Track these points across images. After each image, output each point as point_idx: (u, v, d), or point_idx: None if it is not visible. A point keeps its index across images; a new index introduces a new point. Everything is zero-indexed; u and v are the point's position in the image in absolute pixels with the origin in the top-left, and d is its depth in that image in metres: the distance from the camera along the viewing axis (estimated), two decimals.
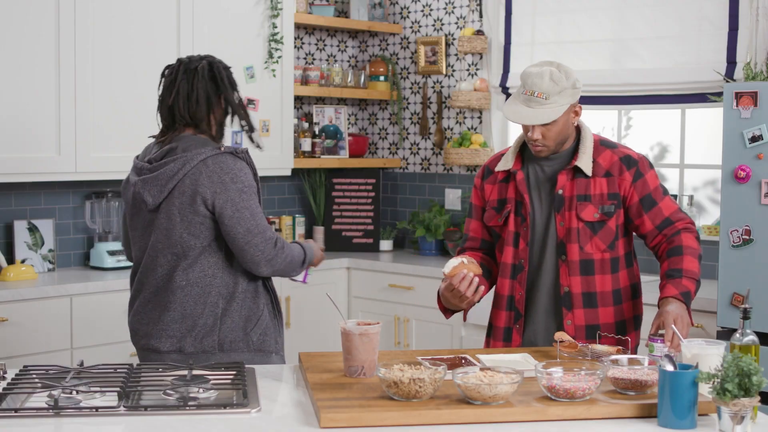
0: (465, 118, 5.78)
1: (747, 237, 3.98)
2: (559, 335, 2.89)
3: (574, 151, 3.08)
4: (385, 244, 5.89)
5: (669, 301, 2.93)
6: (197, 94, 3.10)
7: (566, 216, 3.04)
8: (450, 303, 3.05)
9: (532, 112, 2.95)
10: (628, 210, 3.09)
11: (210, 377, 2.61)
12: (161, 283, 3.10)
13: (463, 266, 2.93)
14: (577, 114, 3.06)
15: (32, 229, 4.77)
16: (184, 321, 3.07)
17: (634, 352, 3.12)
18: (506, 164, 3.14)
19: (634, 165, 3.07)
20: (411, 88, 6.04)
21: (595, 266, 3.05)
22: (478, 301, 3.06)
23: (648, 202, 3.07)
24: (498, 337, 3.16)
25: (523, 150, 3.16)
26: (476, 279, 2.94)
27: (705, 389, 2.37)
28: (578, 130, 3.11)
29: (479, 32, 5.57)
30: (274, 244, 3.08)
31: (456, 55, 5.77)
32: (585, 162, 3.03)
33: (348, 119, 6.13)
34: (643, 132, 5.29)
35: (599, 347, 2.85)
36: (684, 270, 2.99)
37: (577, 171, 3.06)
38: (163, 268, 3.09)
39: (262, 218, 3.08)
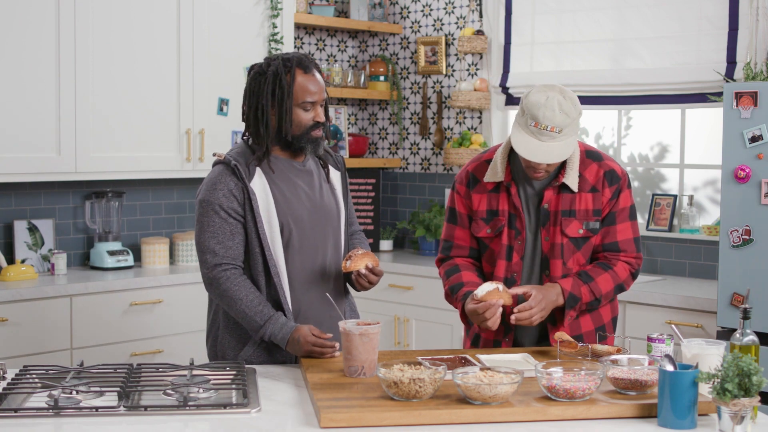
0: (465, 118, 5.78)
1: (747, 237, 3.98)
2: (559, 335, 2.89)
3: (562, 166, 3.02)
4: (385, 244, 5.89)
5: (554, 286, 2.96)
6: None
7: (551, 231, 3.02)
8: (473, 319, 2.98)
9: (545, 147, 2.86)
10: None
11: (210, 377, 2.61)
12: None
13: (497, 294, 2.87)
14: None
15: (32, 229, 4.77)
16: None
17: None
18: (496, 175, 3.06)
19: (617, 182, 3.04)
20: (411, 88, 6.04)
21: None
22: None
23: (609, 220, 3.05)
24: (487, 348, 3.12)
25: (510, 159, 3.07)
26: (500, 309, 2.89)
27: (705, 389, 2.37)
28: None
29: (479, 32, 5.57)
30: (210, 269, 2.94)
31: (456, 55, 5.77)
32: (572, 178, 3.00)
33: (348, 119, 6.13)
34: (643, 132, 5.29)
35: (599, 347, 2.85)
36: (595, 281, 3.00)
37: (563, 186, 3.02)
38: None
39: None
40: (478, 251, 3.18)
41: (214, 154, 3.00)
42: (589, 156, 3.06)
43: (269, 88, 2.89)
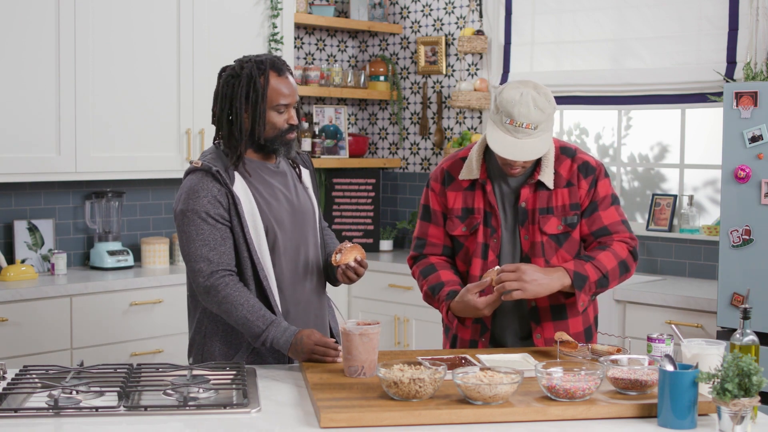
0: (465, 118, 5.78)
1: (747, 237, 3.98)
2: (559, 335, 2.89)
3: (537, 163, 3.00)
4: (385, 244, 5.89)
5: (555, 269, 2.89)
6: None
7: (530, 229, 2.99)
8: (464, 312, 2.95)
9: (520, 144, 2.84)
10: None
11: (210, 377, 2.61)
12: None
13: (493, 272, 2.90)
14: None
15: (32, 229, 4.77)
16: None
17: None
18: (471, 173, 3.03)
19: (592, 173, 3.01)
20: (411, 88, 6.04)
21: None
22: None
23: (590, 209, 3.02)
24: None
25: (486, 157, 3.06)
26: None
27: (705, 389, 2.37)
28: None
29: (479, 32, 5.57)
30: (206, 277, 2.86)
31: (456, 55, 5.77)
32: (547, 175, 2.97)
33: (348, 119, 6.13)
34: (643, 132, 5.29)
35: (599, 347, 2.85)
36: (597, 259, 2.95)
37: (539, 183, 2.99)
38: None
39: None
40: (452, 249, 3.14)
41: (191, 162, 2.92)
42: (564, 152, 3.03)
43: (243, 91, 2.86)
